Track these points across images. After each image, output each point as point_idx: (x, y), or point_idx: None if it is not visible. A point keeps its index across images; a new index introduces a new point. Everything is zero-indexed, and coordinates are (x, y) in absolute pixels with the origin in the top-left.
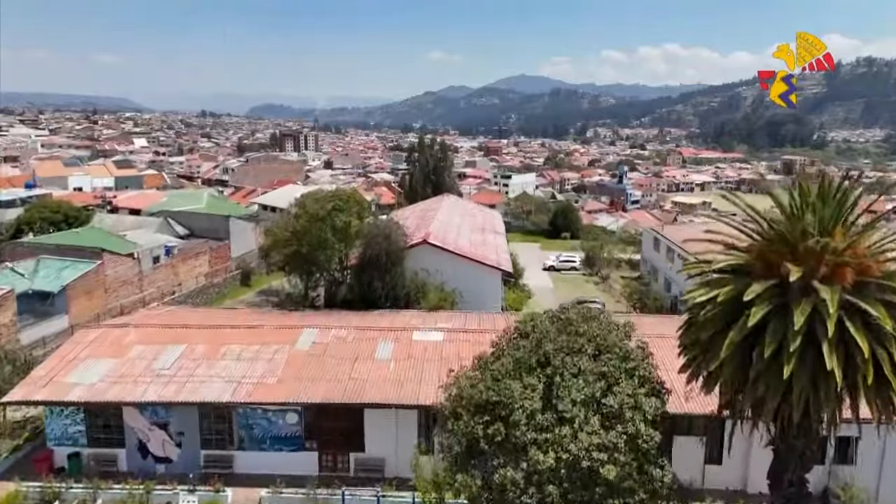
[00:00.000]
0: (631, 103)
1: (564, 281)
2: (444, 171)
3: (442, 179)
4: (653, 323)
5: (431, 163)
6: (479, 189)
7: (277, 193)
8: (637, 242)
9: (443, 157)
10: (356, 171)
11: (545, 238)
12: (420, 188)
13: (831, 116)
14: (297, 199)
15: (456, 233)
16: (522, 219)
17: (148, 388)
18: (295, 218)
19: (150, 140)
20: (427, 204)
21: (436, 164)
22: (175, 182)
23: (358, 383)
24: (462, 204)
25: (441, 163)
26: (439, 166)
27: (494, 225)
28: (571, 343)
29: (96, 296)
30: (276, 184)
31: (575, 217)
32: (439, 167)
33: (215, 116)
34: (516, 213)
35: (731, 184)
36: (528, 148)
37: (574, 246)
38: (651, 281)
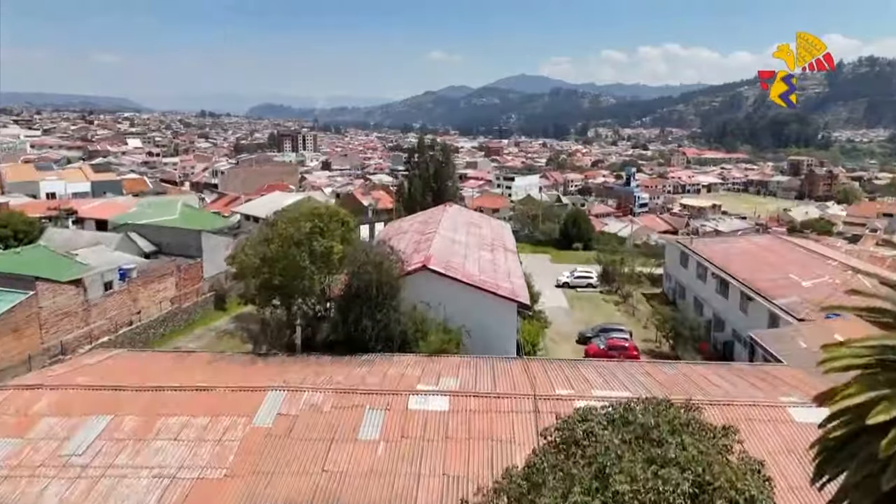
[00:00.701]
0: (632, 103)
1: (580, 299)
2: (446, 178)
3: (444, 187)
4: (708, 374)
5: (432, 167)
6: (482, 192)
7: (262, 201)
8: (655, 254)
9: (445, 162)
10: (355, 172)
11: (555, 249)
12: (419, 196)
13: (834, 116)
14: (269, 216)
15: (462, 254)
16: (529, 226)
17: (48, 488)
18: (266, 242)
19: (145, 140)
20: (427, 215)
21: (437, 168)
22: (158, 187)
23: (334, 478)
24: (466, 214)
25: (443, 167)
26: (441, 171)
27: (504, 240)
28: (655, 480)
29: (27, 334)
30: (267, 188)
31: (588, 225)
32: (441, 172)
33: (215, 116)
34: (522, 219)
35: (737, 185)
36: (530, 148)
37: (588, 258)
38: (676, 298)
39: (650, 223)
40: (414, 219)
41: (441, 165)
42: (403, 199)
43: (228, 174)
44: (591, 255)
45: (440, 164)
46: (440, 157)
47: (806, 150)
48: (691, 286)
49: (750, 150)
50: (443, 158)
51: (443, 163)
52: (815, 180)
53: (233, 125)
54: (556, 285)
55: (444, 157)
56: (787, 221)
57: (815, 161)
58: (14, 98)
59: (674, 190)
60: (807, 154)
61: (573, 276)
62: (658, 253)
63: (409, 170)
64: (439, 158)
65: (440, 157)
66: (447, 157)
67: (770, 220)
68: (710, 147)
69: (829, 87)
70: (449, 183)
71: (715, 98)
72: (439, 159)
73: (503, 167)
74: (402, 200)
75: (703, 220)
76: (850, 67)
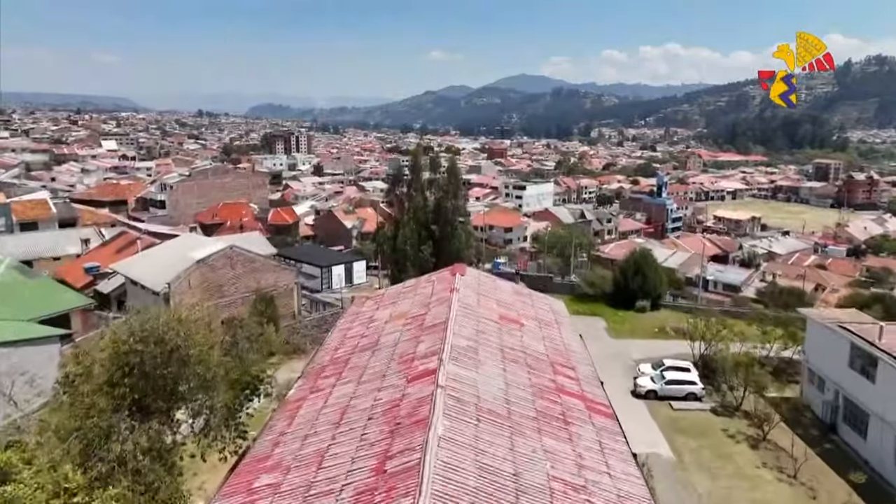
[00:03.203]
0: (634, 103)
1: (686, 433)
2: (452, 216)
3: (449, 231)
4: None
5: (433, 199)
6: (490, 205)
7: (157, 255)
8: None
9: (451, 191)
10: (347, 177)
11: (607, 306)
12: (412, 248)
13: (844, 116)
14: None
15: (506, 434)
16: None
17: None
18: None
19: (128, 142)
20: (422, 297)
21: (438, 202)
22: (66, 211)
23: None
24: (490, 291)
25: (448, 201)
26: (445, 207)
27: (576, 366)
28: None
29: None
30: (221, 208)
31: (657, 275)
32: (445, 209)
33: (212, 116)
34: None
35: (764, 191)
36: (534, 149)
37: (662, 324)
38: (837, 420)
39: (695, 245)
40: (398, 299)
41: (446, 196)
42: (386, 249)
43: (178, 189)
44: (666, 317)
45: (444, 194)
46: (445, 183)
47: (822, 151)
48: (876, 409)
49: (764, 151)
50: (448, 186)
51: (448, 192)
52: (853, 187)
53: (230, 125)
54: (633, 393)
55: (450, 185)
56: (844, 239)
57: (842, 164)
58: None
59: (696, 197)
60: (823, 156)
61: (663, 380)
62: (764, 316)
63: (398, 201)
64: (443, 185)
65: (445, 184)
66: (455, 183)
67: (825, 237)
68: (722, 148)
69: (838, 86)
70: (457, 225)
71: (720, 98)
72: (443, 186)
73: (508, 171)
74: (385, 250)
75: (750, 239)
76: (858, 66)
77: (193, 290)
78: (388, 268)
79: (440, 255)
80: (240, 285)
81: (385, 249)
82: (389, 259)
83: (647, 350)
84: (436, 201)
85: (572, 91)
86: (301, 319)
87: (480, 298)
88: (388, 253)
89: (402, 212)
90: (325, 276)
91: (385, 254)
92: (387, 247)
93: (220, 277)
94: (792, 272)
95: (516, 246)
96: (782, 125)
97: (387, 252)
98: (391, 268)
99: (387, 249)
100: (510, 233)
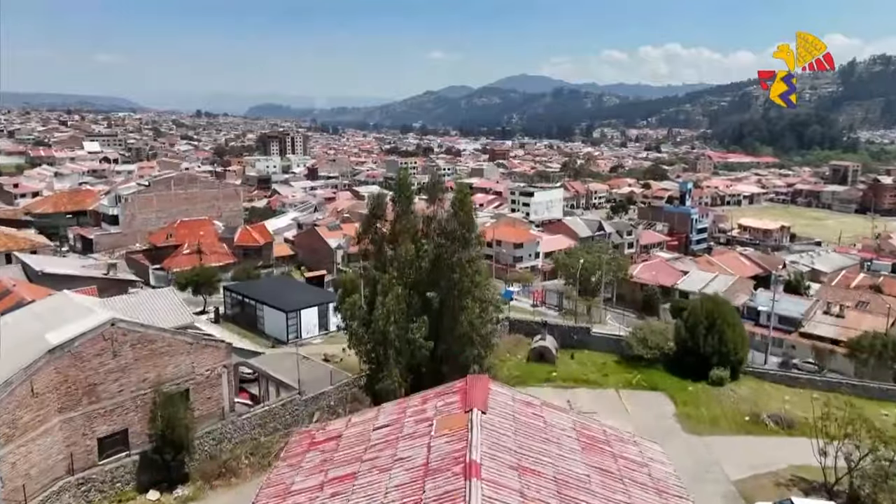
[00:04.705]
0: (635, 103)
1: None
2: (461, 280)
3: (457, 303)
4: None
5: (431, 249)
6: (497, 217)
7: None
8: None
9: (459, 236)
10: (342, 180)
11: (667, 373)
12: (397, 329)
13: (849, 116)
14: None
15: None
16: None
17: None
18: None
19: (115, 143)
20: (408, 469)
21: (439, 254)
22: None
23: None
24: (544, 452)
25: (455, 253)
26: (449, 262)
27: None
28: None
29: None
30: (179, 226)
31: (736, 333)
32: (449, 265)
33: (211, 116)
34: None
35: (782, 195)
36: (536, 150)
37: (754, 407)
38: None
39: (731, 264)
40: (360, 462)
41: (452, 243)
42: (356, 320)
43: (133, 202)
44: (754, 393)
45: (450, 242)
46: (450, 224)
47: (833, 152)
48: None
49: (772, 152)
50: (456, 229)
51: (455, 238)
52: (879, 191)
53: (228, 125)
54: None
55: (458, 227)
56: (888, 252)
57: (860, 166)
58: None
59: (711, 201)
60: (836, 157)
61: None
62: None
63: (376, 250)
64: (447, 226)
65: (450, 226)
66: (466, 224)
67: (864, 249)
68: (728, 149)
69: (843, 86)
70: (470, 288)
71: (723, 98)
72: (447, 228)
73: (512, 173)
74: (356, 321)
75: (787, 253)
76: (863, 66)
77: (41, 398)
78: (359, 354)
79: (441, 339)
80: (129, 379)
81: (353, 327)
82: (360, 343)
83: (745, 456)
84: (435, 252)
85: (573, 91)
86: (234, 419)
87: (524, 480)
88: (360, 334)
89: (382, 266)
90: (292, 322)
91: (355, 335)
92: (356, 324)
93: (92, 372)
94: (849, 297)
95: (527, 264)
96: (790, 126)
97: (357, 332)
98: (362, 358)
99: (356, 328)
100: (520, 249)
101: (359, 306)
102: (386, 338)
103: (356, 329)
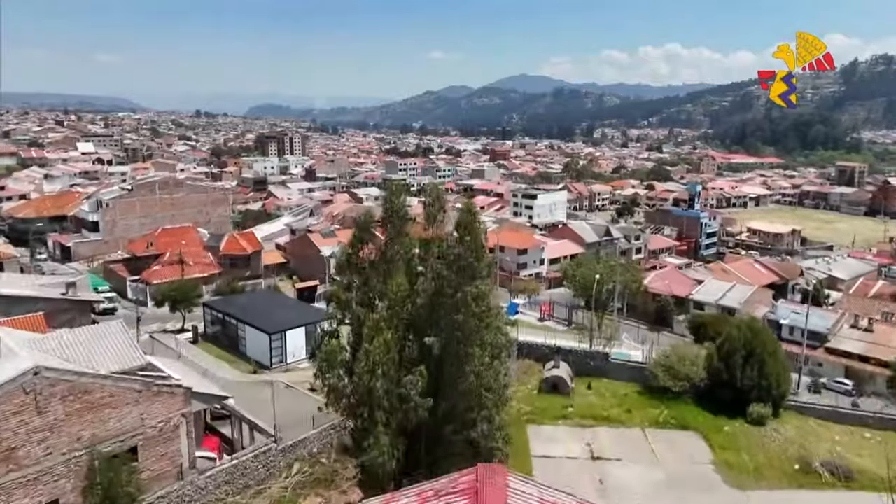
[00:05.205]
0: (636, 103)
1: None
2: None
3: (462, 350)
4: None
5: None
6: (499, 221)
7: None
8: None
9: (465, 266)
10: (340, 182)
11: (697, 407)
12: (386, 381)
13: (852, 116)
14: None
15: None
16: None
17: None
18: None
19: (112, 143)
20: None
21: (440, 289)
22: None
23: None
24: None
25: (460, 287)
26: (453, 299)
27: None
28: None
29: None
30: (160, 234)
31: (778, 365)
32: (452, 302)
33: (210, 116)
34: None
35: (789, 196)
36: (537, 151)
37: (801, 451)
38: None
39: (747, 271)
40: None
41: (456, 275)
42: (333, 372)
43: (114, 207)
44: (800, 432)
45: (453, 272)
46: (453, 250)
47: (837, 152)
48: None
49: (775, 152)
50: (462, 257)
51: (460, 269)
52: (889, 193)
53: (227, 125)
54: None
55: (464, 254)
56: None
57: (866, 167)
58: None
59: (717, 204)
60: (840, 157)
61: None
62: None
63: (362, 283)
64: (449, 253)
65: (453, 252)
66: (475, 251)
67: (880, 254)
68: (730, 150)
69: (845, 86)
70: (480, 331)
71: (724, 98)
72: (449, 256)
73: (513, 174)
74: (333, 373)
75: (801, 259)
76: (865, 66)
77: None
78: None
79: (442, 394)
80: (60, 440)
81: (331, 381)
82: (340, 399)
83: None
84: (435, 285)
85: (573, 91)
86: (195, 478)
87: None
88: (339, 389)
89: (370, 302)
90: (276, 344)
91: (334, 390)
92: (335, 376)
93: (10, 434)
94: (873, 308)
95: (531, 271)
96: (793, 126)
97: (336, 387)
98: (343, 414)
99: (335, 381)
100: (524, 255)
101: (340, 358)
102: (372, 395)
103: (334, 383)
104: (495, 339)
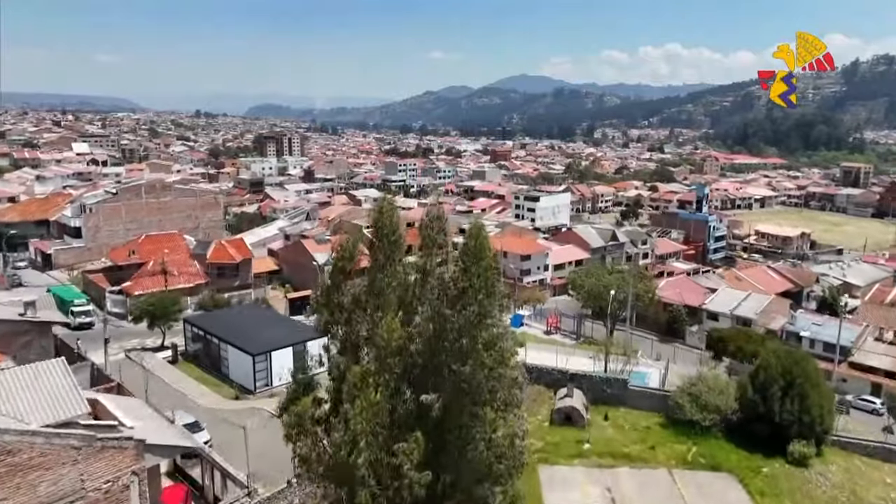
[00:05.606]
0: (636, 103)
1: None
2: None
3: (467, 410)
4: None
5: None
6: (502, 225)
7: None
8: None
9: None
10: (339, 183)
11: (728, 443)
12: (373, 449)
13: (853, 116)
14: None
15: None
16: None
17: None
18: None
19: (108, 144)
20: None
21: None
22: None
23: None
24: None
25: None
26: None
27: None
28: None
29: None
30: (142, 243)
31: (823, 397)
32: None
33: (210, 116)
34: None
35: (794, 198)
36: (538, 151)
37: (853, 499)
38: None
39: (761, 278)
40: None
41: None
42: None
43: (98, 212)
44: (848, 474)
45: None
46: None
47: (840, 153)
48: None
49: (777, 153)
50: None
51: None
52: None
53: (227, 125)
54: None
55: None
56: None
57: (872, 168)
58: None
59: (722, 205)
60: (844, 158)
61: None
62: None
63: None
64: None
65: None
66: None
67: (893, 259)
68: (732, 150)
69: (846, 85)
70: (490, 386)
71: (724, 98)
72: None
73: (514, 175)
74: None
75: (813, 264)
76: (866, 66)
77: None
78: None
79: (443, 464)
80: None
81: (301, 451)
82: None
83: None
84: (435, 329)
85: (573, 91)
86: None
87: None
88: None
89: (353, 349)
90: (261, 367)
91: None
92: (305, 447)
93: None
94: (892, 318)
95: (535, 277)
96: (795, 126)
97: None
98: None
99: (306, 451)
100: (527, 261)
101: (318, 414)
102: (354, 473)
103: (306, 454)
104: (510, 396)
